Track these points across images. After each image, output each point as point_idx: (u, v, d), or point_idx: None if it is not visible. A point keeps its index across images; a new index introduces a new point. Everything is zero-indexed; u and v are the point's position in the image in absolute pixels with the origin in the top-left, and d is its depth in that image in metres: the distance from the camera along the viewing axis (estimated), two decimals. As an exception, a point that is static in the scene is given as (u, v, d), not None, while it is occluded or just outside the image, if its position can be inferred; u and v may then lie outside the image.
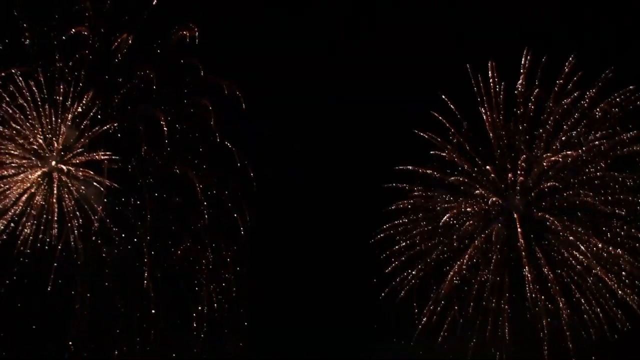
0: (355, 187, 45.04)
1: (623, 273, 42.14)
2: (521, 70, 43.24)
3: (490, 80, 43.25)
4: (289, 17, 45.36)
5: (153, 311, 42.51)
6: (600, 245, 42.22)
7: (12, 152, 40.73)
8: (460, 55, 43.39)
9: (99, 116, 41.93)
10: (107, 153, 41.95)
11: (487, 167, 43.63)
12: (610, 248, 42.11)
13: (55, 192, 41.49)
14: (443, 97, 43.06)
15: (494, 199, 43.79)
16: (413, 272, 43.69)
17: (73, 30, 40.85)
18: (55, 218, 41.36)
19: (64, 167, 41.72)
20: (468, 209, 43.93)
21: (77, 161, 42.03)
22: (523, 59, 43.09)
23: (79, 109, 41.57)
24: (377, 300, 43.58)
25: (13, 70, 40.13)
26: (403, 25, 45.66)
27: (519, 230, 42.99)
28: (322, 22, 45.56)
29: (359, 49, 45.84)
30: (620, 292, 41.99)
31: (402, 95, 44.45)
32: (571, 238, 42.79)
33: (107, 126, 41.84)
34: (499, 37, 43.85)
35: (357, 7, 46.60)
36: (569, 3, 45.06)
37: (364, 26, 46.78)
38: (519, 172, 43.34)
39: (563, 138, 42.96)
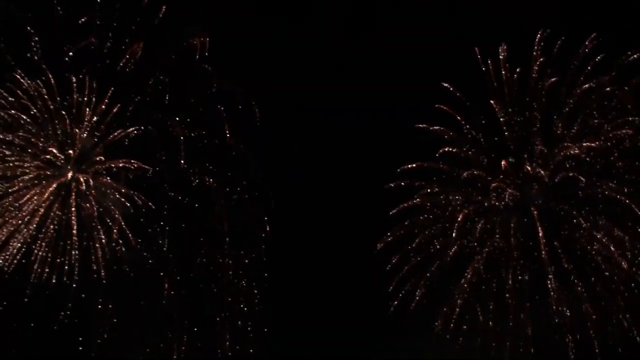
0: (365, 185, 44.79)
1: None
2: (534, 56, 42.57)
3: (502, 67, 42.57)
4: (289, 18, 45.25)
5: (175, 315, 43.02)
6: (621, 234, 41.26)
7: (27, 163, 41.26)
8: (460, 54, 42.89)
9: (114, 124, 42.40)
10: (126, 160, 42.33)
11: (503, 160, 42.96)
12: (631, 239, 41.10)
13: (73, 202, 41.93)
14: (450, 88, 42.57)
15: (510, 191, 43.07)
16: (432, 269, 43.30)
17: (84, 42, 41.44)
18: (75, 231, 41.82)
19: (81, 177, 42.14)
20: (485, 204, 43.31)
21: (95, 169, 42.47)
22: (536, 43, 42.29)
23: (94, 118, 42.03)
24: (395, 299, 43.31)
25: (24, 82, 40.81)
26: (403, 24, 45.39)
27: (538, 223, 42.23)
28: (323, 23, 45.50)
29: (359, 48, 45.71)
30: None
31: (405, 95, 43.89)
32: (594, 232, 41.89)
33: (130, 130, 42.14)
34: (502, 32, 43.16)
35: (356, 6, 46.46)
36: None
37: (364, 25, 46.51)
38: (534, 163, 42.62)
39: (577, 128, 42.08)
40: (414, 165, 43.05)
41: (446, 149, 42.87)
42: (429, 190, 43.26)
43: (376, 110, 45.79)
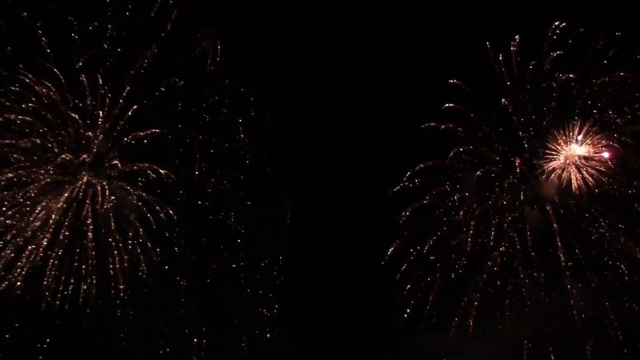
0: (370, 186, 44.84)
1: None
2: (546, 50, 42.26)
3: (513, 61, 42.29)
4: (289, 18, 45.12)
5: (192, 319, 43.08)
6: (639, 230, 41.15)
7: (42, 168, 41.23)
8: (466, 50, 42.59)
9: (127, 126, 42.38)
10: (143, 164, 42.33)
11: (517, 157, 42.84)
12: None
13: (89, 207, 41.89)
14: (460, 85, 42.26)
15: (524, 187, 42.97)
16: (447, 268, 43.16)
17: (95, 47, 41.52)
18: (90, 235, 41.77)
19: (96, 181, 42.10)
20: (503, 202, 43.13)
21: (109, 174, 42.44)
22: (549, 35, 42.06)
23: (107, 123, 42.05)
24: (411, 299, 43.20)
25: (38, 88, 40.83)
26: (408, 20, 45.23)
27: (553, 220, 42.10)
28: (325, 21, 45.45)
29: (361, 45, 45.55)
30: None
31: (412, 94, 43.66)
32: (610, 228, 41.72)
33: (144, 133, 42.08)
34: (512, 26, 42.80)
35: (357, 3, 46.35)
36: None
37: (366, 22, 46.35)
38: (547, 159, 42.52)
39: (591, 123, 41.94)
40: (429, 163, 42.91)
41: (460, 149, 42.77)
42: (444, 188, 43.21)
43: (378, 110, 45.81)
